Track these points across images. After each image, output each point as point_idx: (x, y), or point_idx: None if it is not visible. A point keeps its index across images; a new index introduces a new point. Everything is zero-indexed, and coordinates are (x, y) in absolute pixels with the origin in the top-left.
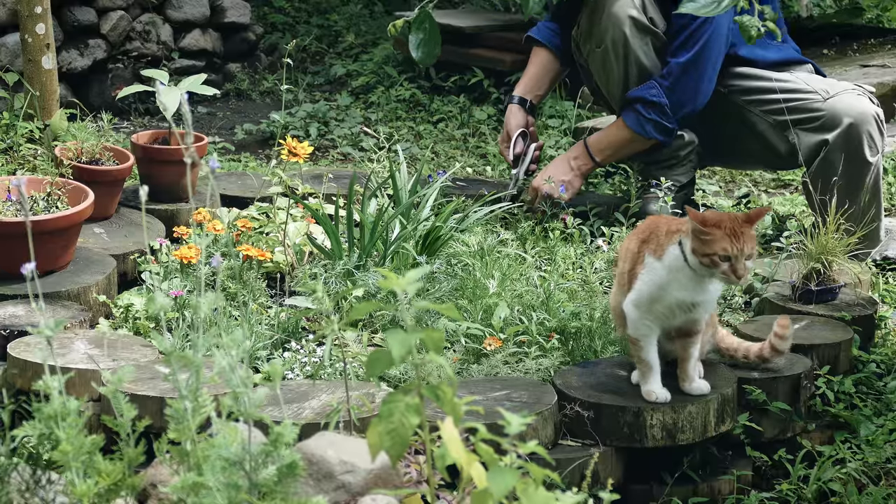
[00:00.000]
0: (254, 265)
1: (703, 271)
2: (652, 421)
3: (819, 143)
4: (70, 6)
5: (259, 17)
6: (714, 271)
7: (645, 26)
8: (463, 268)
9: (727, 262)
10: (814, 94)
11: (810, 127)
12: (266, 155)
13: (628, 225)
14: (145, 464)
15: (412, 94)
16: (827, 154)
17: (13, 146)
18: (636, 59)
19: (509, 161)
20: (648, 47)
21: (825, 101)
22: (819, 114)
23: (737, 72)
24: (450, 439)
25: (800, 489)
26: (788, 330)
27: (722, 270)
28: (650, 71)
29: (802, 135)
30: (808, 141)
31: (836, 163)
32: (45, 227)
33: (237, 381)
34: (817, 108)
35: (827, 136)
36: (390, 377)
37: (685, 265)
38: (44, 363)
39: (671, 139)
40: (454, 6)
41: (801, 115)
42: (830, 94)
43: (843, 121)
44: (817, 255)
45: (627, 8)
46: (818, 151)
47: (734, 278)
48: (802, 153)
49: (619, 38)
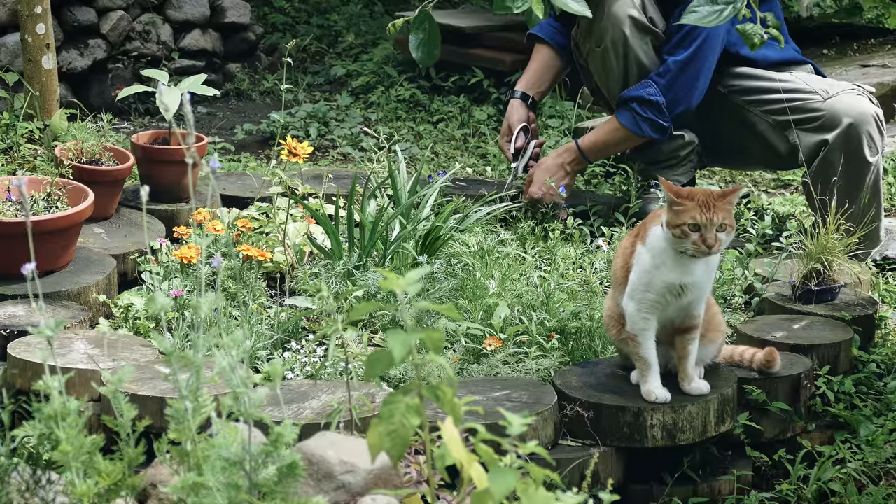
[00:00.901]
0: (254, 265)
1: (676, 244)
2: (652, 421)
3: (819, 143)
4: (70, 6)
5: (259, 17)
6: (685, 243)
7: (645, 26)
8: (463, 268)
9: (697, 233)
10: (813, 95)
11: (810, 127)
12: (266, 155)
13: (628, 225)
14: (145, 464)
15: (412, 94)
16: (827, 154)
17: (13, 146)
18: (636, 58)
19: (508, 156)
20: (648, 47)
21: (825, 101)
22: (819, 114)
23: (737, 72)
24: (450, 440)
25: (800, 489)
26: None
27: (692, 241)
28: (650, 70)
29: (802, 135)
30: (808, 141)
31: (836, 163)
32: (45, 227)
33: (237, 381)
34: (817, 108)
35: (827, 136)
36: (390, 377)
37: (666, 243)
38: (44, 363)
39: (665, 137)
40: (454, 6)
41: (801, 115)
42: (830, 95)
43: (842, 121)
44: (817, 255)
45: (627, 8)
46: (818, 151)
47: (703, 248)
48: (803, 153)
49: (619, 37)
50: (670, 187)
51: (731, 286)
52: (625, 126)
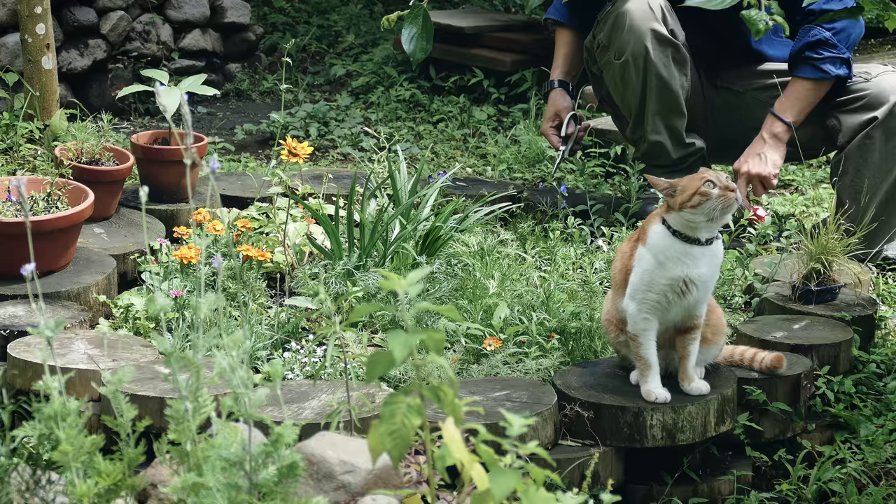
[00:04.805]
0: (254, 265)
1: (699, 212)
2: (652, 421)
3: (866, 122)
4: (70, 6)
5: (259, 17)
6: (710, 203)
7: (666, 38)
8: (463, 268)
9: (716, 188)
10: (855, 77)
11: (854, 107)
12: (266, 155)
13: (628, 225)
14: (145, 464)
15: (412, 94)
16: (871, 130)
17: (13, 146)
18: (656, 71)
19: (554, 142)
20: (668, 59)
21: (868, 81)
22: (864, 93)
23: (758, 70)
24: (451, 440)
25: (800, 489)
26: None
27: (717, 195)
28: (669, 83)
29: (844, 117)
30: (852, 122)
31: (877, 140)
32: (45, 228)
33: (237, 381)
34: (861, 88)
35: (876, 114)
36: (390, 377)
37: (672, 238)
38: (44, 363)
39: (851, 71)
40: (454, 6)
41: (844, 97)
42: (873, 75)
43: (889, 98)
44: (817, 255)
45: (650, 21)
46: (862, 129)
47: (731, 196)
48: (843, 135)
49: (641, 51)
50: (657, 180)
51: (731, 286)
52: (808, 78)
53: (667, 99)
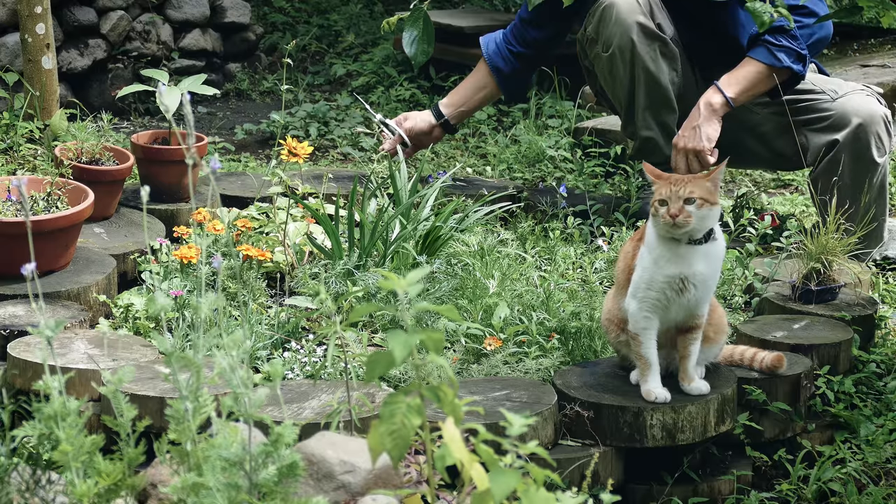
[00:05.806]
0: (254, 265)
1: (654, 225)
2: (652, 421)
3: (828, 144)
4: (70, 6)
5: (259, 17)
6: (658, 221)
7: (653, 32)
8: (463, 268)
9: (664, 207)
10: (822, 95)
11: (819, 127)
12: (266, 155)
13: (628, 225)
14: (145, 464)
15: (412, 94)
16: (835, 154)
17: (13, 146)
18: (643, 64)
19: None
20: (656, 53)
21: (834, 101)
22: (828, 114)
23: None
24: (451, 440)
25: (800, 489)
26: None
27: (661, 215)
28: (657, 77)
29: (811, 135)
30: (817, 142)
31: (844, 164)
32: (45, 227)
33: (237, 381)
34: (826, 108)
35: (837, 136)
36: (390, 377)
37: (657, 236)
38: (44, 363)
39: (805, 69)
40: (454, 6)
41: (810, 115)
42: (839, 95)
43: (852, 121)
44: (817, 255)
45: (635, 14)
46: (827, 151)
47: (668, 218)
48: (810, 153)
49: (627, 44)
50: (651, 170)
51: (731, 286)
52: (760, 60)
53: (656, 94)
